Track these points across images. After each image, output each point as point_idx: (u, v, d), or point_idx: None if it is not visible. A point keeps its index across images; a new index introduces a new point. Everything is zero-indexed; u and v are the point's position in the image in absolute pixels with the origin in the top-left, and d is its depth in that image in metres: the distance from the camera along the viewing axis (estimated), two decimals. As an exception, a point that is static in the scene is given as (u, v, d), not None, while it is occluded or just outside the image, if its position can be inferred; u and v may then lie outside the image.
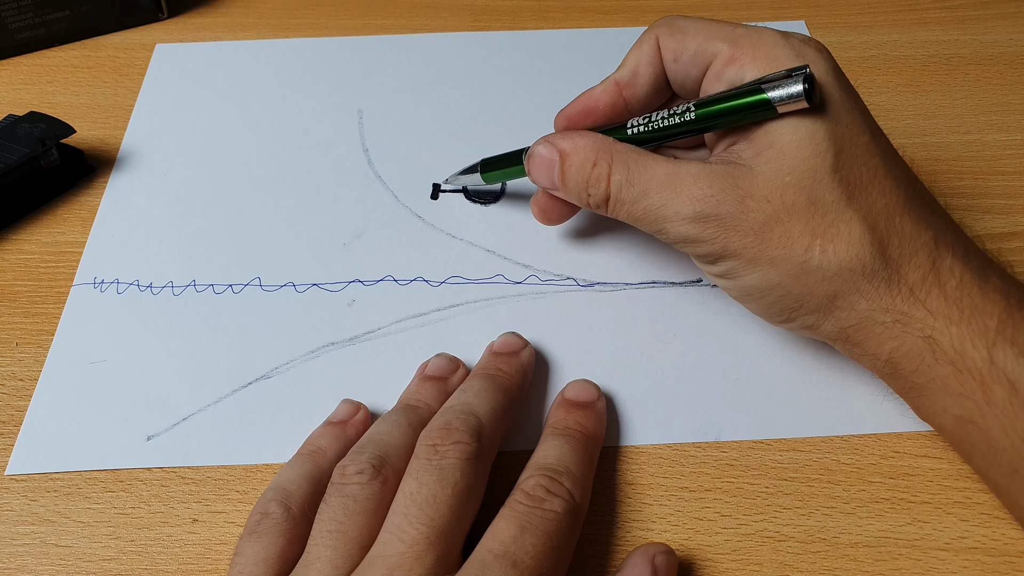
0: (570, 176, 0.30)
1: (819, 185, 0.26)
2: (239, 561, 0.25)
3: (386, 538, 0.24)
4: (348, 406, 0.30)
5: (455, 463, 0.25)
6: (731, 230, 0.27)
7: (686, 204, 0.27)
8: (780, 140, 0.26)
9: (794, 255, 0.26)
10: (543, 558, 0.24)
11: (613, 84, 0.32)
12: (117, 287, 0.35)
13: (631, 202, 0.29)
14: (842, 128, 0.26)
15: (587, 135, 0.30)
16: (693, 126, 0.28)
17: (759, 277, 0.27)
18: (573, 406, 0.29)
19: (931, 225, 0.27)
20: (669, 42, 0.30)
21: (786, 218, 0.26)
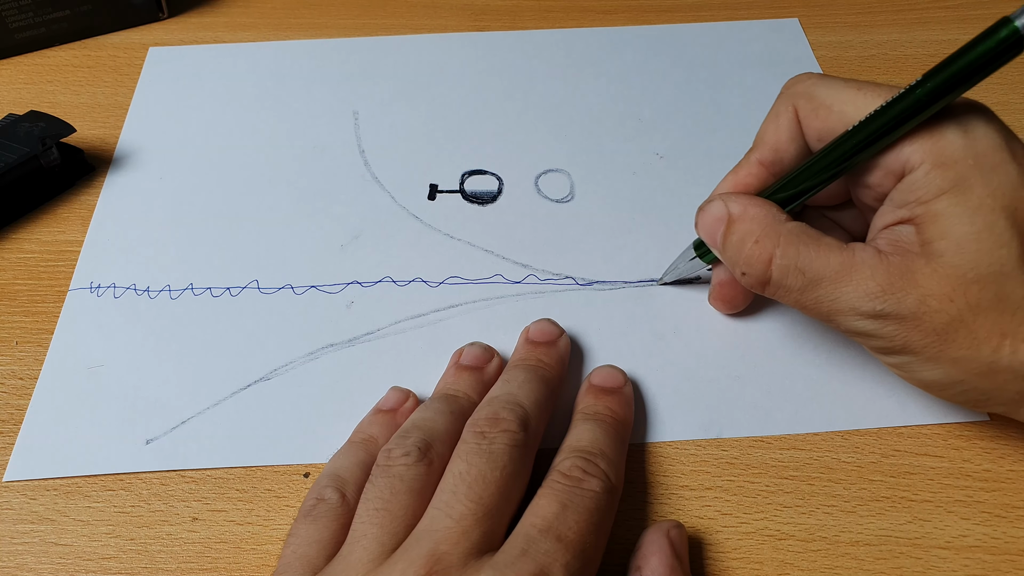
0: (730, 244, 0.28)
1: (1007, 280, 0.24)
2: (293, 542, 0.26)
3: (433, 514, 0.24)
4: (397, 394, 0.30)
5: (504, 448, 0.26)
6: (911, 329, 0.25)
7: (864, 300, 0.26)
8: (955, 231, 0.25)
9: (981, 356, 0.25)
10: (585, 533, 0.24)
11: (756, 165, 0.30)
12: (114, 291, 0.35)
13: (799, 290, 0.27)
14: (1022, 209, 0.24)
15: (760, 205, 0.28)
16: (922, 104, 0.25)
17: (940, 374, 0.26)
18: (602, 392, 0.30)
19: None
20: (811, 120, 0.28)
21: (971, 319, 0.25)
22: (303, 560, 0.25)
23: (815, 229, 0.27)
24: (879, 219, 0.27)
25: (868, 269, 0.26)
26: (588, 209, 0.38)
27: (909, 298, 0.25)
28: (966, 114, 0.25)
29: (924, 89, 0.24)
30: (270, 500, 0.29)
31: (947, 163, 0.25)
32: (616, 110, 0.43)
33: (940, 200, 0.25)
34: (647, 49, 0.47)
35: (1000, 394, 0.26)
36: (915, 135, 0.25)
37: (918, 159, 0.25)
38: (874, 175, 0.27)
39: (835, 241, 0.27)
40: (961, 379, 0.26)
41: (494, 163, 0.40)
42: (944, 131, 0.25)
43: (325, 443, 0.30)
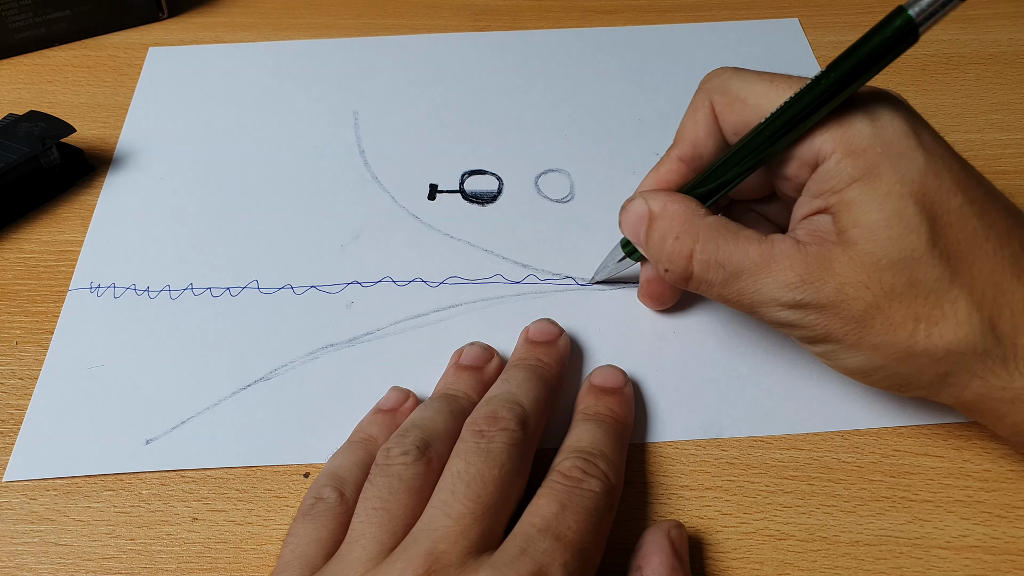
0: (652, 241, 0.29)
1: (919, 265, 0.25)
2: (292, 541, 0.26)
3: (432, 512, 0.24)
4: (397, 393, 0.30)
5: (502, 447, 0.26)
6: (831, 318, 0.26)
7: (783, 291, 0.26)
8: (867, 219, 0.25)
9: (898, 341, 0.25)
10: (584, 533, 0.24)
11: (676, 162, 0.30)
12: (114, 291, 0.35)
13: (720, 284, 0.27)
14: (931, 195, 0.25)
15: (680, 201, 0.28)
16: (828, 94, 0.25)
17: (862, 361, 0.26)
18: (602, 392, 0.30)
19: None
20: (727, 114, 0.28)
21: (886, 305, 0.25)
22: (302, 559, 0.25)
23: (734, 222, 0.28)
24: (798, 210, 0.27)
25: (786, 260, 0.26)
26: (588, 209, 0.38)
27: (827, 287, 0.25)
28: (874, 103, 0.26)
29: (829, 79, 0.25)
30: (270, 500, 0.29)
31: (857, 152, 0.25)
32: (616, 110, 0.43)
33: (852, 188, 0.25)
34: (647, 49, 0.47)
35: (920, 378, 0.26)
36: (826, 125, 0.26)
37: (829, 149, 0.25)
38: (790, 166, 0.27)
39: (754, 233, 0.27)
40: (882, 364, 0.26)
41: (494, 163, 0.40)
42: (853, 120, 0.25)
43: (325, 443, 0.30)
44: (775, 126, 0.26)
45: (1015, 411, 0.25)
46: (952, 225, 0.25)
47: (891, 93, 0.26)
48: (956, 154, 0.26)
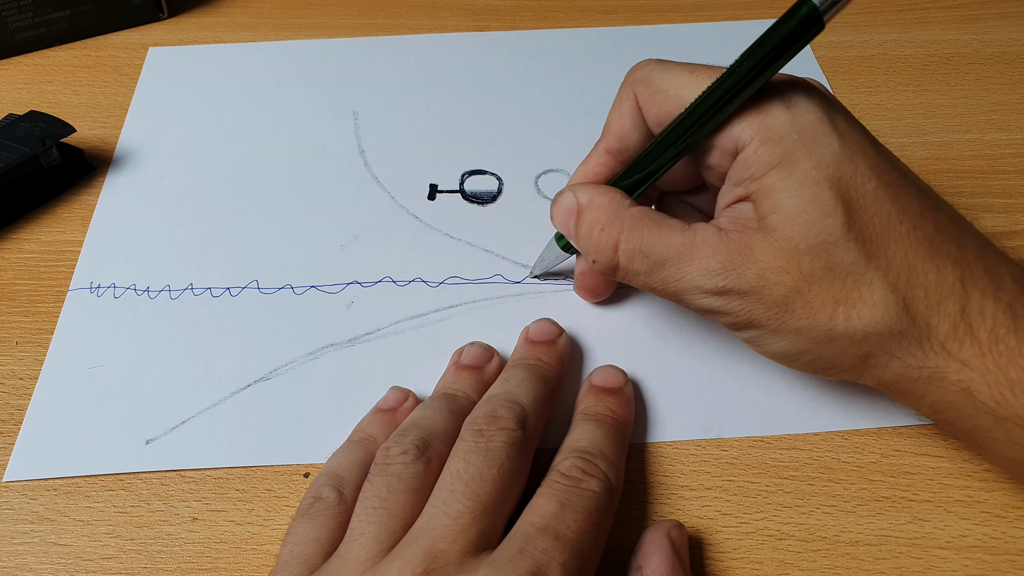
0: (580, 233, 0.29)
1: (835, 248, 0.25)
2: (291, 540, 0.26)
3: (431, 512, 0.24)
4: (397, 393, 0.30)
5: (501, 446, 0.26)
6: (754, 303, 0.26)
7: (706, 278, 0.26)
8: (784, 204, 0.25)
9: (818, 324, 0.26)
10: (584, 533, 0.24)
11: (604, 154, 0.30)
12: (114, 291, 0.35)
13: (646, 273, 0.28)
14: (845, 179, 0.25)
15: (606, 193, 0.29)
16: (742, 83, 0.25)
17: (786, 345, 0.27)
18: (602, 392, 0.30)
19: (958, 262, 0.25)
20: (649, 105, 0.28)
21: (806, 289, 0.25)
22: (300, 559, 0.25)
23: (659, 212, 0.28)
24: (721, 198, 0.28)
25: (709, 247, 0.26)
26: (588, 209, 0.38)
27: (748, 273, 0.26)
28: (790, 90, 0.26)
29: (742, 68, 0.25)
30: (270, 500, 0.29)
31: (774, 139, 0.25)
32: (616, 110, 0.43)
33: (770, 175, 0.26)
34: (647, 49, 0.47)
35: (842, 360, 0.26)
36: (744, 114, 0.26)
37: (748, 136, 0.26)
38: (712, 156, 0.27)
39: (678, 222, 0.27)
40: (805, 348, 0.26)
41: (494, 163, 0.40)
42: (770, 108, 0.26)
43: (325, 443, 0.30)
44: (694, 116, 0.26)
45: (931, 390, 0.26)
46: (867, 209, 0.25)
47: (807, 81, 0.27)
48: (871, 139, 0.27)
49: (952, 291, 0.25)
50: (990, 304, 0.25)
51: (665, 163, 0.28)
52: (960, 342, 0.25)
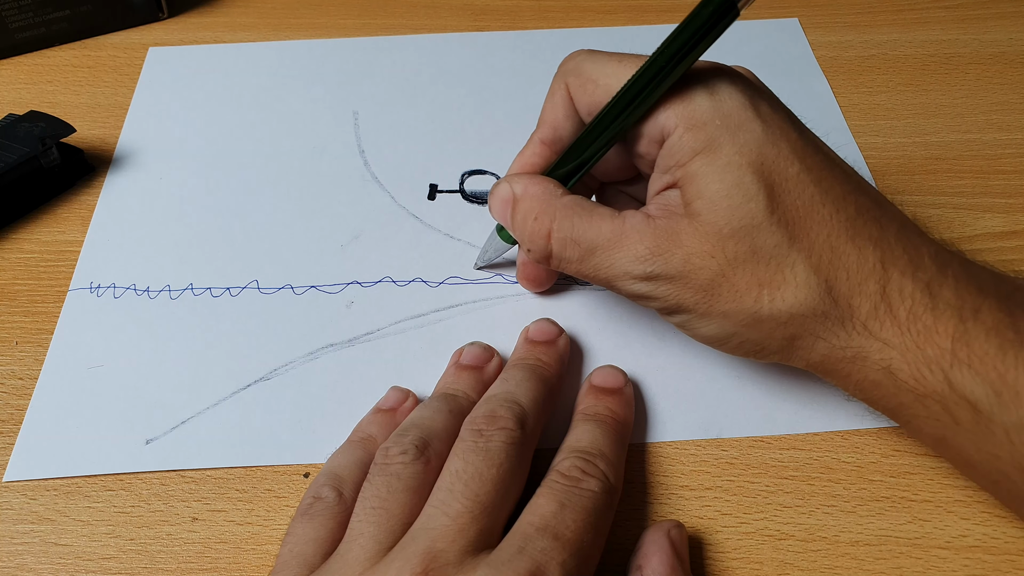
0: (516, 223, 0.29)
1: (758, 232, 0.26)
2: (290, 540, 0.26)
3: (430, 512, 0.24)
4: (397, 393, 0.30)
5: (500, 446, 0.26)
6: (681, 288, 0.27)
7: (635, 264, 0.27)
8: (708, 190, 0.26)
9: (744, 307, 0.26)
10: (583, 533, 0.24)
11: (539, 145, 0.31)
12: (114, 291, 0.35)
13: (578, 261, 0.28)
14: (768, 164, 0.26)
15: (540, 182, 0.29)
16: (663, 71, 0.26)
17: (715, 328, 0.27)
18: (602, 392, 0.30)
19: (879, 243, 0.26)
20: (580, 95, 0.29)
21: (731, 272, 0.26)
22: (300, 559, 0.25)
23: (590, 201, 0.28)
24: (651, 186, 0.28)
25: (637, 234, 0.27)
26: (588, 209, 0.38)
27: (675, 258, 0.26)
28: (713, 77, 0.27)
29: (663, 56, 0.25)
30: (270, 500, 0.29)
31: (698, 125, 0.26)
32: (616, 110, 0.43)
33: (694, 161, 0.26)
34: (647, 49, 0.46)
35: (770, 342, 0.27)
36: (669, 102, 0.26)
37: (672, 124, 0.26)
38: (641, 144, 0.28)
39: (608, 210, 0.28)
40: (734, 331, 0.27)
41: (494, 163, 0.40)
42: (693, 95, 0.26)
43: (325, 443, 0.30)
44: (620, 104, 0.27)
45: (856, 369, 0.26)
46: (790, 192, 0.26)
47: (730, 68, 0.27)
48: (796, 123, 0.27)
49: (873, 272, 0.25)
50: (909, 284, 0.25)
51: (596, 152, 0.28)
52: (881, 322, 0.25)
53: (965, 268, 0.26)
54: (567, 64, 0.29)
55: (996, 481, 0.25)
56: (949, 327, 0.25)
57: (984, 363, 0.24)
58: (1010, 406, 0.23)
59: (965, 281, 0.26)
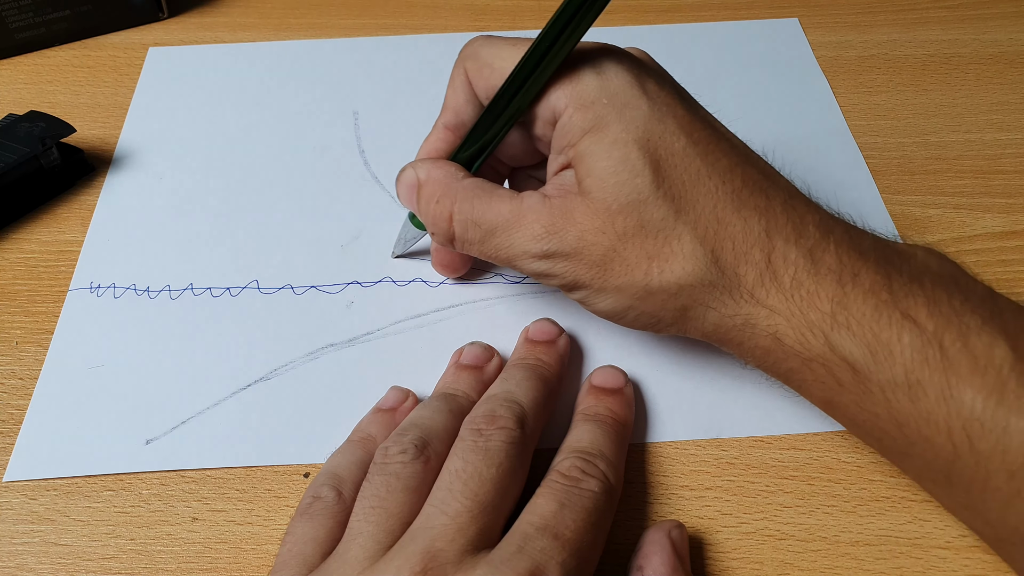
0: (421, 207, 0.30)
1: (645, 206, 0.26)
2: (289, 540, 0.26)
3: (429, 511, 0.24)
4: (397, 393, 0.31)
5: (500, 445, 0.26)
6: (577, 264, 0.27)
7: (532, 243, 0.27)
8: (597, 167, 0.26)
9: (636, 280, 0.27)
10: (583, 532, 0.24)
11: (443, 130, 0.31)
12: (114, 291, 0.35)
13: (479, 242, 0.29)
14: (654, 140, 0.26)
15: (441, 167, 0.29)
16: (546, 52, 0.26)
17: (612, 303, 0.28)
18: (602, 392, 0.30)
19: (764, 213, 0.26)
20: (477, 79, 0.29)
21: (621, 247, 0.26)
22: (299, 558, 0.25)
23: (491, 183, 0.29)
24: (549, 167, 0.29)
25: (534, 214, 0.27)
26: (588, 209, 0.38)
27: (569, 235, 0.27)
28: (600, 57, 0.27)
29: (547, 38, 0.26)
30: (270, 500, 0.29)
31: (586, 105, 0.26)
32: (616, 110, 0.43)
33: (584, 140, 0.27)
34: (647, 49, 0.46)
35: (664, 314, 0.27)
36: (559, 83, 0.27)
37: (563, 105, 0.27)
38: (538, 126, 0.28)
39: (508, 192, 0.28)
40: (629, 305, 0.27)
41: (494, 163, 0.40)
42: (582, 76, 0.27)
43: (325, 443, 0.30)
44: (512, 86, 0.27)
45: (746, 337, 0.27)
46: (676, 167, 0.26)
47: (618, 48, 0.28)
48: (684, 99, 0.28)
49: (758, 241, 0.26)
50: (793, 251, 0.26)
51: (496, 134, 0.29)
52: (767, 289, 0.26)
53: (848, 234, 0.27)
54: (466, 50, 0.30)
55: (879, 439, 0.26)
56: (830, 291, 0.25)
57: (861, 324, 0.25)
58: (884, 364, 0.24)
59: (847, 246, 0.26)
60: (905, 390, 0.24)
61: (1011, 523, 0.23)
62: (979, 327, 0.24)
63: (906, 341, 0.24)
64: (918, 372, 0.24)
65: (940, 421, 0.24)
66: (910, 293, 0.25)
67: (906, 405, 0.24)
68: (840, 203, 0.38)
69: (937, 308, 0.24)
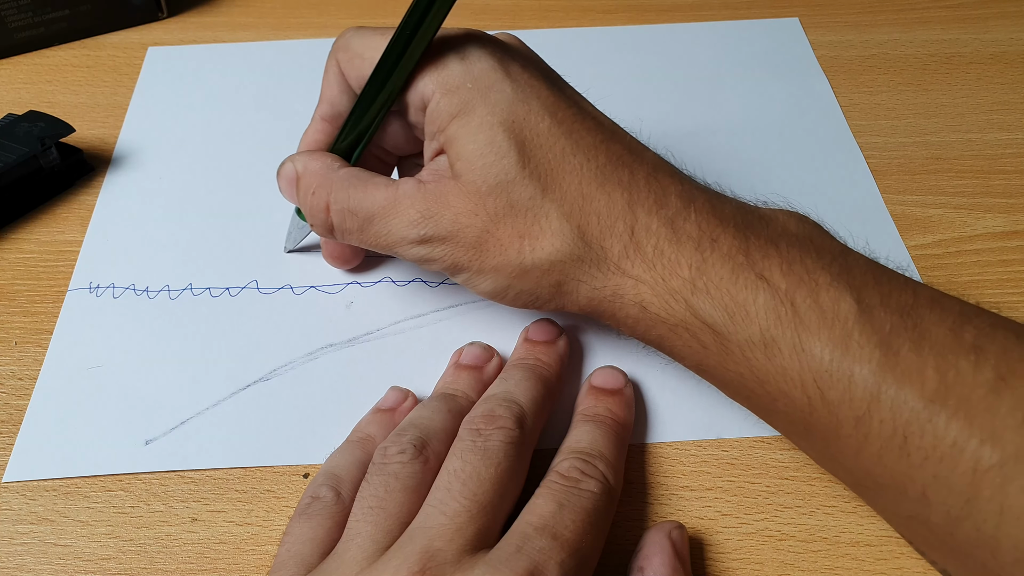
0: (300, 199, 0.30)
1: (513, 186, 0.27)
2: (288, 540, 0.26)
3: (428, 511, 0.24)
4: (396, 393, 0.31)
5: (499, 445, 0.26)
6: (454, 247, 0.28)
7: (409, 228, 0.28)
8: (465, 150, 0.27)
9: (510, 260, 0.27)
10: (582, 533, 0.24)
11: (320, 122, 0.32)
12: (113, 291, 0.35)
13: (358, 231, 0.29)
14: (519, 121, 0.27)
15: (318, 158, 0.30)
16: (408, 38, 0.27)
17: (491, 283, 0.28)
18: (602, 393, 0.30)
19: (628, 187, 0.27)
20: (349, 69, 0.30)
21: (494, 228, 0.27)
22: (297, 558, 0.25)
23: (367, 171, 0.29)
24: (425, 153, 0.29)
25: (409, 200, 0.28)
26: (588, 209, 0.38)
27: (444, 219, 0.27)
28: (465, 43, 0.28)
29: (408, 25, 0.27)
30: (269, 501, 0.29)
31: (452, 90, 0.27)
32: (616, 110, 0.43)
33: (451, 125, 0.27)
34: (647, 49, 0.47)
35: (541, 291, 0.28)
36: (426, 70, 0.28)
37: (430, 90, 0.28)
38: (411, 114, 0.29)
39: (384, 179, 0.29)
40: (508, 284, 0.28)
41: (494, 163, 0.40)
42: (447, 61, 0.28)
43: (324, 443, 0.30)
44: (380, 75, 0.28)
45: (617, 308, 0.27)
46: (541, 147, 0.27)
47: (482, 33, 0.29)
48: (550, 80, 0.29)
49: (622, 214, 0.27)
50: (654, 221, 0.27)
51: (370, 123, 0.29)
52: (632, 260, 0.27)
53: (710, 202, 0.28)
54: (338, 41, 0.30)
55: (747, 397, 0.27)
56: (689, 258, 0.26)
57: (719, 288, 0.25)
58: (741, 325, 0.25)
59: (708, 214, 0.27)
60: (762, 348, 0.25)
61: (864, 467, 0.24)
62: (828, 283, 0.25)
63: (761, 301, 0.25)
64: (772, 330, 0.25)
65: (794, 375, 0.24)
66: (766, 255, 0.26)
67: (764, 362, 0.25)
68: (840, 203, 0.38)
69: (790, 268, 0.25)
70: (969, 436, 0.22)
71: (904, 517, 0.25)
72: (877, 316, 0.24)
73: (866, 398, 0.23)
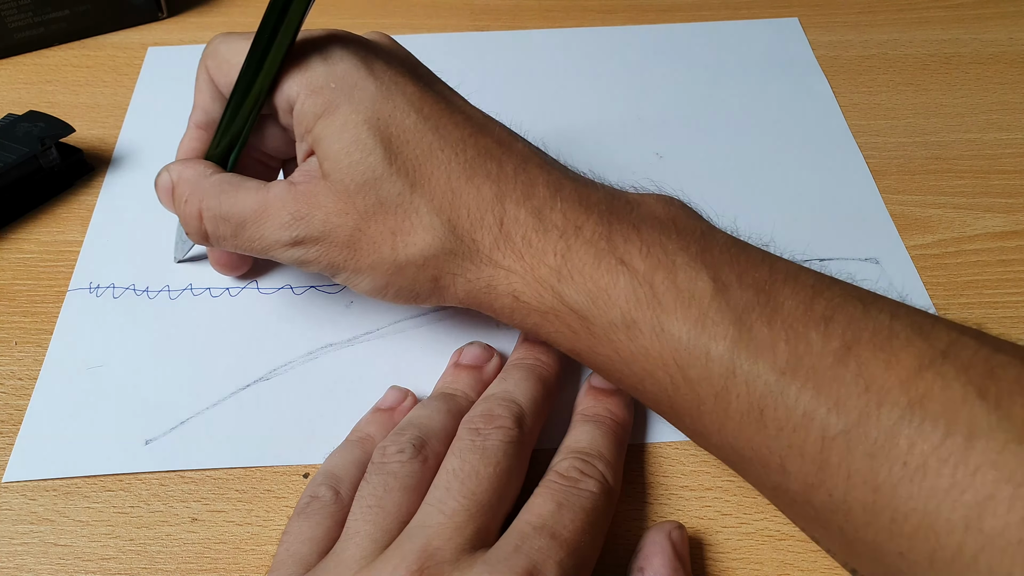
0: (176, 208, 0.30)
1: (381, 183, 0.27)
2: (287, 540, 0.26)
3: (426, 510, 0.24)
4: (396, 393, 0.31)
5: (498, 444, 0.26)
6: (328, 248, 0.27)
7: (281, 231, 0.28)
8: (331, 150, 0.27)
9: (385, 257, 0.27)
10: (581, 532, 0.24)
11: (195, 129, 0.32)
12: (113, 291, 0.35)
13: (232, 236, 0.29)
14: (384, 118, 0.27)
15: (191, 166, 0.30)
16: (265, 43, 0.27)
17: (370, 282, 0.28)
18: (601, 393, 0.30)
19: (496, 179, 0.27)
20: (218, 75, 0.30)
21: (365, 226, 0.27)
22: (296, 558, 0.25)
23: (240, 176, 0.29)
24: (298, 155, 0.29)
25: (280, 202, 0.28)
26: (588, 209, 0.38)
27: (315, 220, 0.27)
28: (327, 43, 0.28)
29: (267, 29, 0.27)
30: (269, 501, 0.29)
31: (316, 90, 0.27)
32: (616, 110, 0.43)
33: (318, 125, 0.27)
34: (647, 49, 0.47)
35: (419, 287, 0.28)
36: (291, 72, 0.28)
37: (295, 92, 0.27)
38: (282, 117, 0.29)
39: (256, 183, 0.29)
40: (386, 281, 0.28)
41: (494, 163, 0.40)
42: (310, 62, 0.27)
43: (324, 443, 0.30)
44: (244, 79, 0.28)
45: (494, 298, 0.27)
46: (408, 143, 0.27)
47: (345, 33, 0.29)
48: (417, 76, 0.29)
49: (491, 206, 0.27)
50: (522, 212, 0.27)
51: (241, 128, 0.29)
52: (502, 251, 0.27)
53: (577, 190, 0.28)
54: (207, 48, 0.30)
55: (619, 380, 0.27)
56: (555, 246, 0.26)
57: (583, 274, 0.26)
58: (604, 309, 0.25)
59: (574, 202, 0.27)
60: (624, 330, 0.25)
61: (728, 442, 0.24)
62: (686, 264, 0.25)
63: (621, 285, 0.25)
64: (633, 312, 0.25)
65: (656, 355, 0.25)
66: (627, 240, 0.26)
67: (627, 344, 0.25)
68: (840, 203, 0.38)
69: (650, 251, 0.25)
70: (817, 405, 0.22)
71: (770, 488, 0.25)
72: (733, 293, 0.24)
73: (723, 374, 0.23)
